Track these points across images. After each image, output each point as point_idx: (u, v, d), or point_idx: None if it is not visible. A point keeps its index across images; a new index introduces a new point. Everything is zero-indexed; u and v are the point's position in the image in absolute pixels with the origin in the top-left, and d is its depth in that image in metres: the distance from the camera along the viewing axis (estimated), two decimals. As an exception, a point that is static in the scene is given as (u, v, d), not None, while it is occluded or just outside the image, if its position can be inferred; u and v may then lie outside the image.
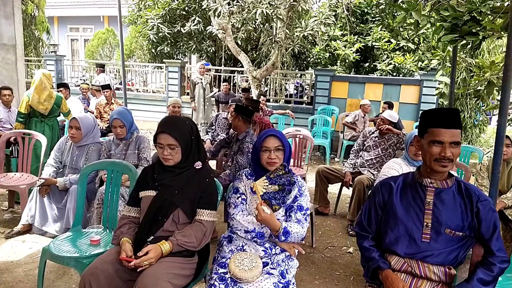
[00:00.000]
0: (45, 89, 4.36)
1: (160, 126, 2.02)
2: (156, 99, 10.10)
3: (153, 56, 11.00)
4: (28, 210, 3.40)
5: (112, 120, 3.32)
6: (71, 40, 18.73)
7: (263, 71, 7.87)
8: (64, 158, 3.47)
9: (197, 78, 7.90)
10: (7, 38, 6.34)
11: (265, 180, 1.87)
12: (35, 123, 4.44)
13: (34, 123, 4.43)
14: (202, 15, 10.16)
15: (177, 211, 1.98)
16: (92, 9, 17.34)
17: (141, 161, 3.42)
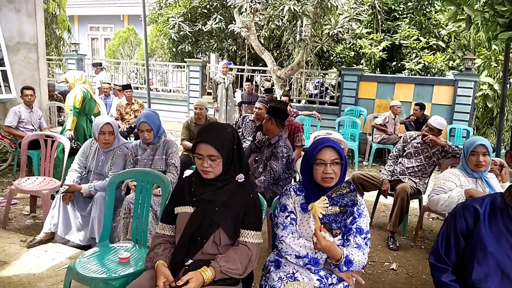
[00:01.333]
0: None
1: (200, 134, 1.79)
2: (177, 99, 9.94)
3: (174, 55, 10.84)
4: (51, 217, 3.23)
5: (139, 124, 3.11)
6: (92, 39, 18.80)
7: (288, 71, 7.60)
8: (88, 163, 3.29)
9: (219, 77, 7.68)
10: (29, 37, 6.24)
11: (325, 200, 1.61)
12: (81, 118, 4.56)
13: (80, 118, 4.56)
14: (224, 13, 9.95)
15: (218, 231, 1.75)
16: (112, 8, 17.34)
17: (169, 167, 3.21)
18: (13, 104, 5.84)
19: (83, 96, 4.43)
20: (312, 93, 10.44)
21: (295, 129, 4.59)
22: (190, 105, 9.64)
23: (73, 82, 4.55)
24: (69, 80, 4.55)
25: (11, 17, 5.90)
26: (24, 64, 6.17)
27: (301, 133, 4.61)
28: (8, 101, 5.87)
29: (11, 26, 5.92)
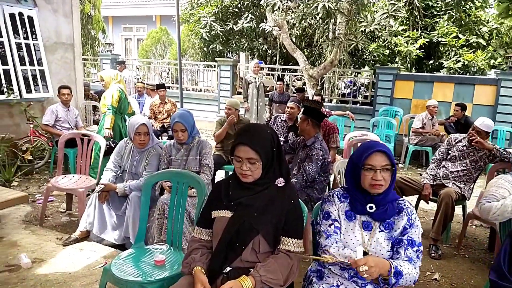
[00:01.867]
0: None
1: (239, 136, 1.71)
2: (208, 98, 9.96)
3: (205, 54, 10.88)
4: (87, 216, 3.25)
5: (173, 124, 3.07)
6: (125, 39, 19.23)
7: (320, 70, 7.44)
8: (123, 162, 3.29)
9: (250, 77, 7.61)
10: (66, 37, 6.39)
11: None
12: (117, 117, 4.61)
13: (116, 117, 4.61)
14: (255, 12, 9.88)
15: (258, 237, 1.66)
16: (145, 8, 17.66)
17: (202, 167, 3.16)
18: (50, 103, 5.99)
19: (119, 95, 4.47)
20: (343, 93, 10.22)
21: (330, 130, 4.45)
22: (221, 105, 9.64)
23: (108, 81, 4.59)
24: (104, 79, 4.60)
25: (49, 17, 6.06)
26: (61, 64, 6.32)
27: (336, 134, 4.46)
28: (45, 99, 6.03)
29: (49, 26, 6.08)
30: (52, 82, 6.02)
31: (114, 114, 4.46)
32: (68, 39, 6.38)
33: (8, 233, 3.33)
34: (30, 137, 5.43)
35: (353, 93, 9.68)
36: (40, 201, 4.23)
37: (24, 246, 3.10)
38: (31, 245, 3.14)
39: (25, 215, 3.82)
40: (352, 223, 1.70)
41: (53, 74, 6.10)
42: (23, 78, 5.60)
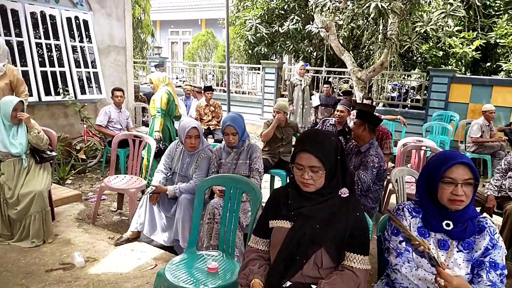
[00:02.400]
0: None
1: (301, 143, 1.61)
2: (252, 101, 9.95)
3: (249, 57, 10.89)
4: (138, 217, 3.28)
5: (224, 127, 3.03)
6: (171, 43, 19.75)
7: (370, 72, 7.18)
8: (174, 164, 3.30)
9: (296, 79, 7.49)
10: (118, 40, 6.59)
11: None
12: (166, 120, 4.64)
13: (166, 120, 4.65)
14: (301, 14, 9.75)
15: (320, 251, 1.55)
16: (191, 12, 18.04)
17: (252, 172, 3.09)
18: (103, 104, 6.20)
19: (168, 97, 4.51)
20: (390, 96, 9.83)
21: (383, 135, 4.24)
22: (265, 107, 9.60)
23: (157, 84, 4.64)
24: (153, 81, 4.66)
25: (102, 21, 6.28)
26: (113, 66, 6.53)
27: (389, 139, 4.25)
28: (98, 101, 6.24)
29: (103, 30, 6.29)
30: (105, 84, 6.22)
31: (163, 117, 4.50)
32: (120, 42, 6.58)
33: (62, 230, 3.43)
34: (84, 137, 5.64)
35: (402, 96, 9.29)
36: (92, 200, 4.36)
37: (77, 245, 3.18)
38: (84, 243, 3.21)
39: (78, 213, 3.93)
40: (426, 241, 1.55)
41: (106, 76, 6.31)
42: (78, 80, 5.83)
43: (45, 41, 5.48)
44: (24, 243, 3.10)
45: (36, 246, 3.09)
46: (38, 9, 5.38)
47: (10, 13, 5.04)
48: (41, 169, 3.31)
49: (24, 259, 2.90)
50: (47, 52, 5.50)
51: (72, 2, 5.82)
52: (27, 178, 3.19)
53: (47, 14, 5.49)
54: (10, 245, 3.09)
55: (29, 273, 2.71)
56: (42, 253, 3.01)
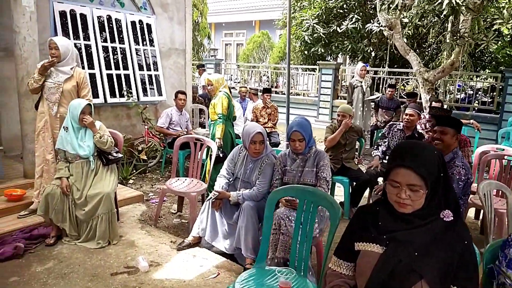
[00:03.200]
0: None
1: (398, 156, 1.41)
2: (307, 103, 9.71)
3: (305, 58, 10.66)
4: (200, 222, 3.23)
5: (291, 133, 2.88)
6: (225, 44, 19.99)
7: (438, 73, 6.68)
8: (236, 170, 3.20)
9: (356, 81, 7.17)
10: (179, 43, 6.68)
11: None
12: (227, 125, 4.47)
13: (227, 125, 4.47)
14: (361, 12, 9.37)
15: (421, 283, 1.34)
16: (246, 14, 18.13)
17: (319, 181, 2.90)
18: (163, 105, 6.31)
19: (228, 102, 4.37)
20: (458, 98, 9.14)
21: (461, 143, 3.86)
22: (320, 109, 9.33)
23: (217, 86, 4.47)
24: (214, 83, 4.46)
25: (165, 24, 6.39)
26: (173, 69, 6.63)
27: (468, 147, 3.87)
28: (158, 102, 6.36)
29: (165, 33, 6.40)
30: (165, 86, 6.33)
31: (224, 123, 4.32)
32: (181, 45, 6.67)
33: (126, 232, 3.47)
34: (145, 137, 5.76)
35: (469, 98, 8.60)
36: (153, 201, 4.40)
37: (141, 247, 3.18)
38: (147, 246, 3.20)
39: (141, 214, 3.97)
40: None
41: (166, 78, 6.41)
42: (140, 82, 5.97)
43: (111, 45, 5.66)
44: (90, 244, 3.16)
45: (102, 247, 3.14)
46: (104, 13, 5.57)
47: (79, 17, 5.25)
48: (108, 170, 3.36)
49: (90, 260, 2.94)
50: (112, 55, 5.68)
51: (137, 6, 5.97)
52: (94, 179, 3.25)
53: (113, 18, 5.67)
54: (77, 245, 3.16)
55: (95, 276, 2.73)
56: (107, 255, 3.04)
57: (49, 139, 3.53)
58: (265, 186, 3.02)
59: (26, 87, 3.65)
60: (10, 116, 4.91)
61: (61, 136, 3.25)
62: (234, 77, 12.69)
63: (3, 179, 3.92)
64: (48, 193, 3.12)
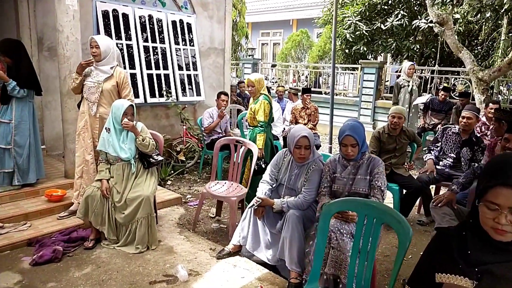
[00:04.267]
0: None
1: (500, 173, 1.15)
2: (347, 103, 9.35)
3: (345, 56, 10.29)
4: (241, 230, 3.05)
5: (342, 137, 2.63)
6: (262, 44, 19.84)
7: (494, 72, 6.17)
8: (281, 175, 2.99)
9: (403, 80, 6.76)
10: (218, 42, 6.57)
11: None
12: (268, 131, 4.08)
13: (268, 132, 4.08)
14: (407, 9, 8.90)
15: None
16: (283, 13, 17.89)
17: (373, 190, 2.64)
18: (201, 106, 6.22)
19: (270, 107, 4.00)
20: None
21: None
22: (361, 110, 8.95)
23: (258, 88, 3.98)
24: (256, 85, 4.04)
25: (204, 24, 6.29)
26: (212, 68, 6.53)
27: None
28: (197, 103, 6.28)
29: (204, 32, 6.31)
30: (204, 85, 6.23)
31: (265, 131, 3.96)
32: (220, 44, 6.56)
33: (165, 236, 3.35)
34: (183, 138, 5.68)
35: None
36: (191, 203, 4.29)
37: (180, 254, 3.05)
38: (186, 253, 3.07)
39: (179, 218, 3.86)
40: None
41: (205, 78, 6.32)
42: (180, 82, 5.90)
43: (152, 44, 5.63)
44: (129, 248, 3.07)
45: (140, 252, 3.03)
46: (146, 13, 5.54)
47: (121, 17, 5.24)
48: (149, 173, 3.26)
49: (128, 266, 2.84)
50: (153, 55, 5.65)
51: (178, 6, 5.91)
52: (135, 182, 3.16)
53: (154, 17, 5.63)
54: (116, 249, 3.08)
55: (133, 284, 2.62)
56: (146, 261, 2.93)
57: (89, 140, 3.48)
58: (312, 194, 2.80)
59: (68, 87, 3.63)
60: (53, 115, 4.98)
61: (103, 137, 3.18)
62: (271, 76, 12.50)
63: (44, 178, 3.93)
64: (88, 195, 3.05)
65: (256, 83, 3.96)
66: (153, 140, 3.29)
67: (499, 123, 3.56)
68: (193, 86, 6.13)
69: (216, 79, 6.61)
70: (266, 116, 3.92)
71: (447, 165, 4.17)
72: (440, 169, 4.15)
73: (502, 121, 3.54)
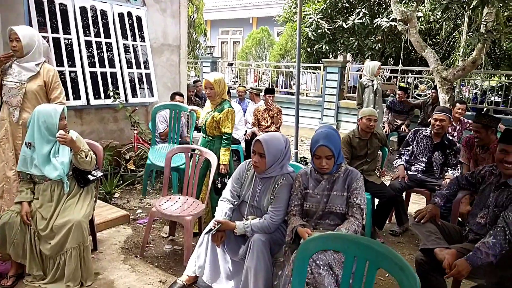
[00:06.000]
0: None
1: None
2: (310, 103, 9.07)
3: (307, 55, 10.01)
4: (196, 258, 2.57)
5: (316, 148, 2.23)
6: (221, 42, 19.31)
7: (458, 71, 6.07)
8: (243, 191, 2.55)
9: (367, 80, 6.53)
10: (172, 38, 6.01)
11: None
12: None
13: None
14: (368, 7, 8.75)
15: None
16: (242, 11, 17.48)
17: (351, 209, 2.26)
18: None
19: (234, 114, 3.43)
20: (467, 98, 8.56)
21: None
22: (325, 110, 8.70)
23: (218, 91, 3.32)
24: (214, 86, 3.28)
25: (156, 17, 5.72)
26: (166, 66, 5.96)
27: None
28: (149, 104, 5.69)
29: (157, 27, 5.74)
30: (157, 85, 5.66)
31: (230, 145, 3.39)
32: (174, 40, 6.01)
33: (105, 267, 2.81)
34: (134, 144, 5.09)
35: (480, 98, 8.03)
36: (141, 221, 3.75)
37: (122, 290, 2.53)
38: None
39: (125, 241, 3.31)
40: None
41: (158, 77, 5.74)
42: (129, 81, 5.30)
43: (95, 39, 4.98)
44: (58, 286, 2.50)
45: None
46: (88, 4, 4.89)
47: (58, 8, 4.57)
48: (83, 192, 2.70)
49: (56, 311, 2.28)
50: (97, 52, 5.01)
51: (124, -4, 5.30)
52: (65, 204, 2.58)
53: (97, 9, 4.99)
54: (41, 287, 2.49)
55: (60, 337, 2.07)
56: (79, 302, 2.38)
57: (10, 152, 2.87)
58: (280, 215, 2.38)
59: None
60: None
61: (23, 155, 2.56)
62: (231, 76, 12.03)
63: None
64: (4, 222, 2.45)
65: (215, 85, 3.29)
66: (92, 152, 2.74)
67: (487, 131, 3.30)
68: (145, 86, 5.54)
69: (171, 78, 6.05)
70: (232, 127, 3.35)
71: (419, 170, 3.92)
72: (412, 175, 3.89)
73: (492, 128, 3.29)
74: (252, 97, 6.74)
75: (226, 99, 3.42)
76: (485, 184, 2.44)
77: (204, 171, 3.39)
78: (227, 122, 3.30)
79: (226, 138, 3.33)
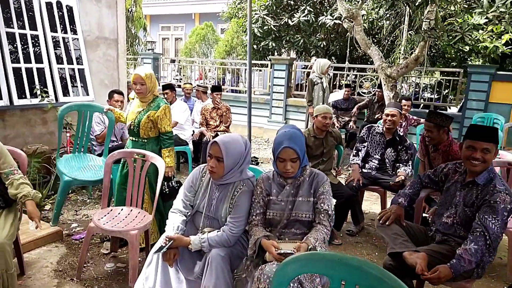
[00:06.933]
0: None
1: None
2: (258, 101, 8.90)
3: (254, 52, 9.83)
4: (145, 279, 2.22)
5: (280, 150, 2.00)
6: (163, 39, 18.57)
7: (402, 68, 6.21)
8: (197, 200, 2.25)
9: (316, 77, 6.48)
10: (109, 31, 5.50)
11: None
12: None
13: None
14: (313, 4, 8.76)
15: None
16: (184, 6, 16.91)
17: (318, 215, 2.07)
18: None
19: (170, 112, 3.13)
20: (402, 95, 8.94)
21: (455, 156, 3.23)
22: (273, 109, 8.58)
23: (150, 86, 2.99)
24: (146, 81, 2.95)
25: (90, 8, 5.18)
26: (103, 62, 5.44)
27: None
28: (85, 103, 5.15)
29: (91, 18, 5.20)
30: (93, 83, 5.13)
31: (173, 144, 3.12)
32: (111, 33, 5.49)
33: (34, 296, 2.38)
34: (67, 148, 4.54)
35: (416, 95, 8.40)
36: (76, 237, 3.29)
37: (55, 325, 2.13)
38: (65, 322, 2.15)
39: (58, 261, 2.87)
40: None
41: (94, 73, 5.21)
42: (60, 78, 4.74)
43: (19, 31, 4.37)
44: (-27, 326, 2.04)
45: (-8, 330, 2.03)
46: (7, -10, 4.26)
47: (-31, -7, 3.93)
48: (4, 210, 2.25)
49: None
50: (21, 45, 4.39)
51: (51, -18, 4.71)
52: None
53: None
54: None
55: None
56: None
57: None
58: (240, 226, 2.12)
59: None
60: None
61: None
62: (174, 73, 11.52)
63: None
64: None
65: (147, 80, 2.96)
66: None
67: (439, 130, 3.27)
68: (78, 83, 4.99)
69: (108, 75, 5.53)
70: (172, 125, 3.09)
71: (373, 168, 3.87)
72: (367, 173, 3.83)
73: (444, 127, 3.27)
74: (199, 95, 6.40)
75: (158, 95, 3.12)
76: (450, 182, 2.37)
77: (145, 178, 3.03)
78: (166, 120, 3.03)
79: (168, 137, 3.05)
